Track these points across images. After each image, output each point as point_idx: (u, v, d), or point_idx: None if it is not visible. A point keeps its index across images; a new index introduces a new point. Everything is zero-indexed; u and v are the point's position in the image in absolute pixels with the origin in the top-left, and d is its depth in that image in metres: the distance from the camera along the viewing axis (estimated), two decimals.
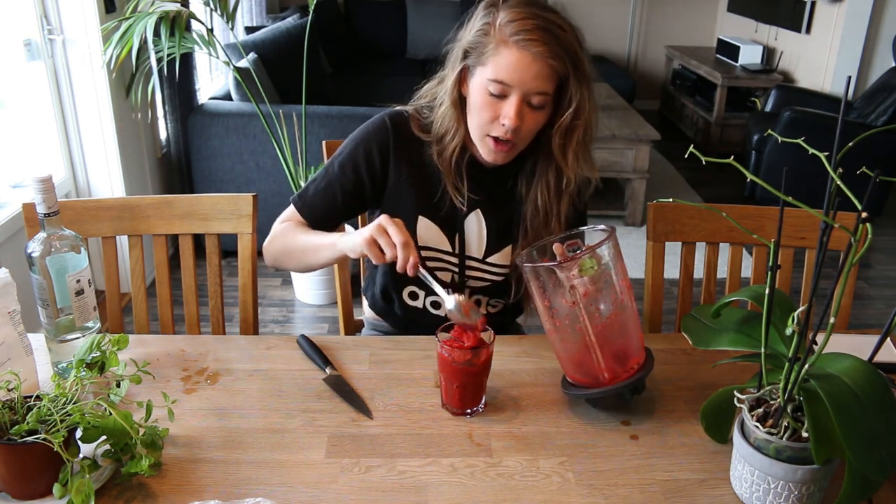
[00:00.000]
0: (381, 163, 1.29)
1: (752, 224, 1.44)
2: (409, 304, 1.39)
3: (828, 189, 0.80)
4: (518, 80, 1.13)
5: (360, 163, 1.29)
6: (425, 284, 1.34)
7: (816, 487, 0.86)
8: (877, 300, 3.25)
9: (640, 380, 1.05)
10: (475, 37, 1.17)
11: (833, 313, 0.80)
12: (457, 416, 1.06)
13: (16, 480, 0.85)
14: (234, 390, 1.11)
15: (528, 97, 1.15)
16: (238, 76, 2.78)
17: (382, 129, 1.29)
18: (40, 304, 1.09)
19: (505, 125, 1.15)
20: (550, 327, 1.06)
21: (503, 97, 1.15)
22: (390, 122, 1.29)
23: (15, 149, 2.57)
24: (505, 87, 1.14)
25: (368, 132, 1.30)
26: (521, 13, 1.13)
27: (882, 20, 4.40)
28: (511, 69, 1.12)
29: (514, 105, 1.14)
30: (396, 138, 1.29)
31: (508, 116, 1.14)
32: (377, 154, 1.29)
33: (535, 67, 1.12)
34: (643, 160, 3.78)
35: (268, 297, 3.07)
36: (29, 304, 1.13)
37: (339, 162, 1.30)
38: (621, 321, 1.05)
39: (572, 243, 1.08)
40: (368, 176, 1.29)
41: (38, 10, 2.53)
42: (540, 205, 1.28)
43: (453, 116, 1.24)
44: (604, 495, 0.91)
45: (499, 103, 1.16)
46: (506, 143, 1.19)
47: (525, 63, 1.12)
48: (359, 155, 1.29)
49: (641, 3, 6.16)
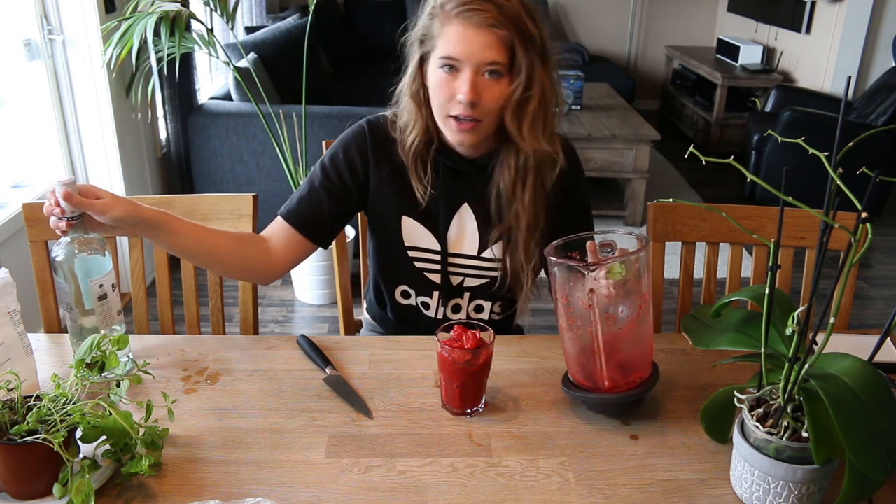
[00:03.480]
0: (361, 166, 1.29)
1: (752, 224, 1.44)
2: (402, 302, 1.38)
3: (828, 189, 0.80)
4: (465, 53, 1.13)
5: (341, 167, 1.29)
6: (417, 283, 1.34)
7: (816, 487, 0.86)
8: (877, 300, 3.25)
9: (638, 396, 1.04)
10: (423, 24, 1.20)
11: (833, 313, 0.80)
12: (457, 416, 1.06)
13: (16, 480, 0.85)
14: (234, 390, 1.11)
15: (480, 69, 1.14)
16: (238, 76, 2.78)
17: (360, 134, 1.30)
18: (64, 307, 1.09)
19: (461, 100, 1.15)
20: (563, 323, 1.05)
21: (456, 72, 1.15)
22: (367, 127, 1.31)
23: (15, 149, 2.57)
24: (455, 62, 1.14)
25: (347, 138, 1.31)
26: None
27: (882, 20, 4.40)
28: (456, 43, 1.13)
29: (467, 79, 1.14)
30: (374, 141, 1.30)
31: (463, 91, 1.14)
32: (357, 157, 1.29)
33: (479, 38, 1.12)
34: (643, 160, 3.78)
35: (268, 297, 3.07)
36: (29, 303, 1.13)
37: (320, 169, 1.31)
38: (634, 333, 1.04)
39: (606, 244, 1.07)
40: (351, 179, 1.29)
41: (38, 10, 2.53)
42: (503, 187, 1.25)
43: (412, 108, 1.24)
44: (604, 495, 0.91)
45: (453, 81, 1.16)
46: (468, 120, 1.17)
47: (469, 35, 1.12)
48: (339, 160, 1.30)
49: (641, 3, 6.16)
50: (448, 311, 1.37)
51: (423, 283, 1.34)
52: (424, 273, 1.33)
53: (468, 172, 1.29)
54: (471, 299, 1.36)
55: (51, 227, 1.03)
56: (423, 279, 1.34)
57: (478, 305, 1.37)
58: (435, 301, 1.36)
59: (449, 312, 1.37)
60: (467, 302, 1.36)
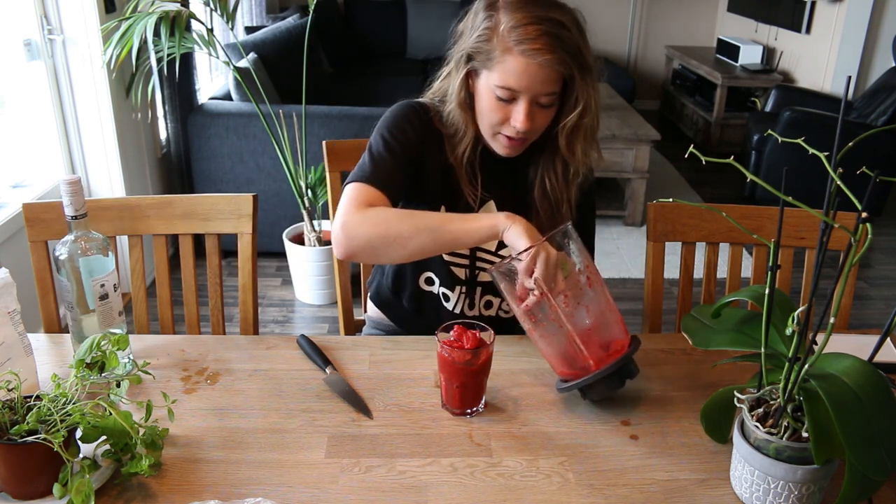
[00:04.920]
0: (417, 139, 1.27)
1: (752, 224, 1.44)
2: (425, 289, 1.38)
3: (828, 189, 0.80)
4: (526, 86, 1.15)
5: (406, 129, 1.26)
6: (443, 271, 1.34)
7: (816, 487, 0.86)
8: (877, 300, 3.25)
9: (626, 360, 1.04)
10: (478, 42, 1.17)
11: (833, 313, 0.80)
12: (457, 416, 1.06)
13: (16, 480, 0.85)
14: (234, 390, 1.11)
15: (537, 99, 1.17)
16: (238, 76, 2.78)
17: (416, 110, 1.29)
18: (65, 305, 1.09)
19: (516, 127, 1.18)
20: (530, 326, 1.08)
21: (512, 101, 1.17)
22: (420, 108, 1.29)
23: (15, 149, 2.57)
24: (513, 93, 1.16)
25: (403, 110, 1.29)
26: (524, 18, 1.11)
27: (882, 20, 4.40)
28: (518, 77, 1.14)
29: (523, 109, 1.16)
30: (427, 123, 1.28)
31: (519, 120, 1.17)
32: (416, 128, 1.27)
33: (542, 74, 1.13)
34: (643, 160, 3.78)
35: (268, 297, 3.07)
36: (29, 304, 1.14)
37: (386, 132, 1.26)
38: (595, 306, 1.07)
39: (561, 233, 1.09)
40: (416, 137, 1.26)
41: (38, 10, 2.53)
42: (549, 190, 1.29)
43: (462, 118, 1.25)
44: (604, 495, 0.91)
45: (508, 106, 1.18)
46: (518, 139, 1.21)
47: (532, 71, 1.13)
48: (402, 123, 1.26)
49: (641, 3, 6.16)
50: (466, 308, 1.38)
51: (448, 275, 1.35)
52: (451, 266, 1.34)
53: (495, 169, 1.31)
54: (482, 294, 1.37)
55: None
56: (448, 271, 1.35)
57: (487, 301, 1.38)
58: (456, 295, 1.37)
59: (465, 308, 1.38)
60: (479, 297, 1.37)
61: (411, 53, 5.71)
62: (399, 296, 1.43)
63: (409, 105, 1.30)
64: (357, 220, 1.14)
